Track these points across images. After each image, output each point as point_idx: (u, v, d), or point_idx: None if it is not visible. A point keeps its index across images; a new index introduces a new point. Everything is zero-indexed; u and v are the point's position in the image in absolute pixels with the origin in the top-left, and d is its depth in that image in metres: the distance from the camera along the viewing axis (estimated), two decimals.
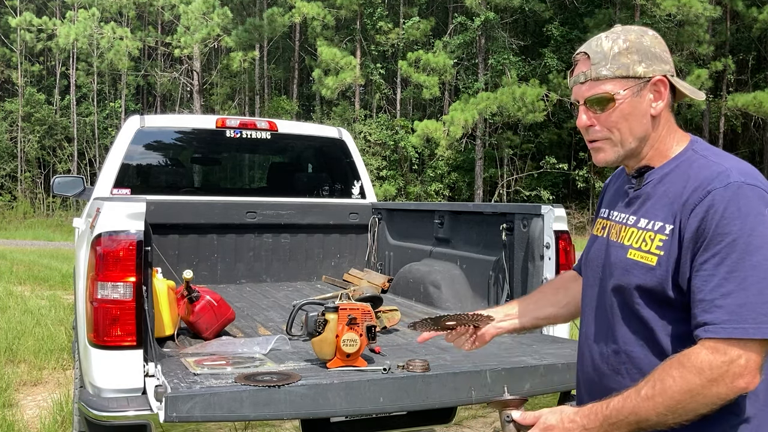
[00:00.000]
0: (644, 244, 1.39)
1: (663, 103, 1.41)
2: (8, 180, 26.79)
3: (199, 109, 24.56)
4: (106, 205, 2.44)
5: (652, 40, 1.43)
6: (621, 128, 1.42)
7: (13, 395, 4.72)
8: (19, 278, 10.48)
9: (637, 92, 1.40)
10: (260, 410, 2.08)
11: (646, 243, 1.38)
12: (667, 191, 1.39)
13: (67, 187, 4.96)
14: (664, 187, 1.40)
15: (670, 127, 1.45)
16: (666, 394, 1.26)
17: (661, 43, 1.44)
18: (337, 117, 24.58)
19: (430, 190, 23.43)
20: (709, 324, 1.24)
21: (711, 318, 1.24)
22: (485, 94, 21.23)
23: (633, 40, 1.41)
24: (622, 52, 1.41)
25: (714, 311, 1.24)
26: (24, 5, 28.02)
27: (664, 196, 1.39)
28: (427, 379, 2.31)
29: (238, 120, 4.77)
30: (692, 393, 1.24)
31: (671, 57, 1.45)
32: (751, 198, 1.27)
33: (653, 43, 1.42)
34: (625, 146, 1.44)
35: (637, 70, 1.40)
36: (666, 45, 1.45)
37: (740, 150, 26.06)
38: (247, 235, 4.67)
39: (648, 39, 1.42)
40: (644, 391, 1.28)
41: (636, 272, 1.39)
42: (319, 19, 23.01)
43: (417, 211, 4.55)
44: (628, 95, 1.40)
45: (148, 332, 2.38)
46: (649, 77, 1.40)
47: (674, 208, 1.35)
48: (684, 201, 1.33)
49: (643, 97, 1.41)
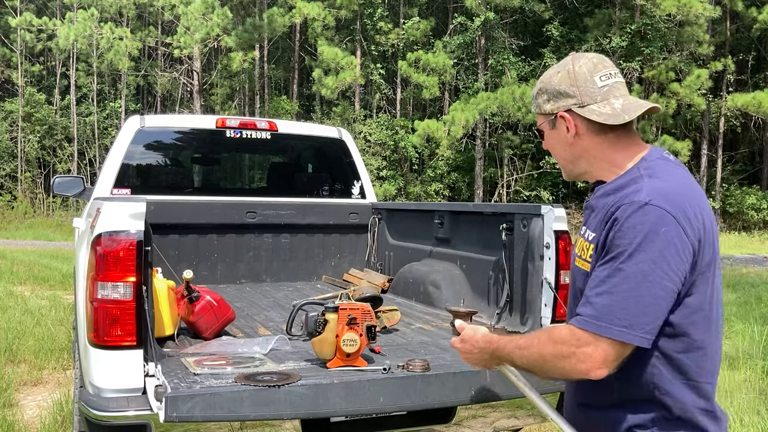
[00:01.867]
0: (584, 252, 1.57)
1: (574, 132, 1.58)
2: (8, 180, 26.80)
3: (199, 109, 24.56)
4: (106, 205, 2.44)
5: (563, 76, 1.58)
6: (555, 154, 1.67)
7: (13, 395, 4.72)
8: (19, 278, 10.48)
9: (552, 125, 1.62)
10: (260, 410, 2.08)
11: (584, 251, 1.56)
12: (605, 204, 1.52)
13: (67, 187, 4.96)
14: (605, 200, 1.53)
15: (616, 146, 1.57)
16: (530, 351, 1.53)
17: (574, 75, 1.57)
18: (337, 117, 24.58)
19: (430, 190, 23.43)
20: (580, 315, 1.45)
21: (582, 311, 1.45)
22: (485, 94, 21.23)
23: (545, 81, 1.62)
24: (536, 94, 1.65)
25: (586, 306, 1.44)
26: (24, 5, 28.03)
27: (603, 209, 1.52)
28: (427, 379, 2.31)
29: (238, 120, 4.77)
30: (544, 358, 1.49)
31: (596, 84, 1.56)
32: (649, 216, 1.40)
33: (561, 81, 1.58)
34: (566, 168, 1.68)
35: (546, 108, 1.62)
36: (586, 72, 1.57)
37: (740, 150, 26.08)
38: (247, 235, 4.67)
39: (558, 78, 1.59)
40: (521, 341, 1.57)
41: (578, 277, 1.59)
42: (319, 19, 23.01)
43: (417, 211, 4.55)
44: (547, 128, 1.64)
45: (148, 332, 2.37)
46: (555, 113, 1.59)
47: (602, 221, 1.50)
48: (605, 214, 1.49)
49: (559, 128, 1.61)
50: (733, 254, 16.95)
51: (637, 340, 1.39)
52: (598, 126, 1.55)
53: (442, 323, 3.36)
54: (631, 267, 1.39)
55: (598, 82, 1.56)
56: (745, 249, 18.94)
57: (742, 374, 5.25)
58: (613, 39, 21.40)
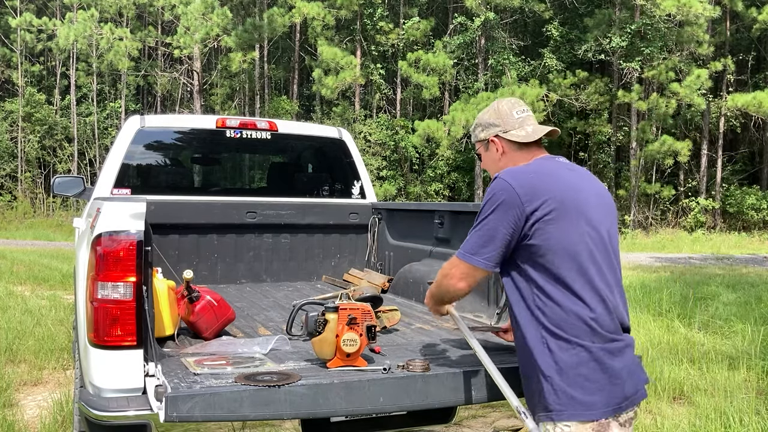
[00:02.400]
0: None
1: (501, 151, 2.29)
2: (8, 180, 26.79)
3: (199, 109, 24.56)
4: (106, 205, 2.44)
5: (491, 113, 2.31)
6: (487, 168, 2.38)
7: (14, 395, 4.72)
8: (19, 278, 10.48)
9: (486, 148, 2.34)
10: (260, 410, 2.08)
11: None
12: None
13: (68, 187, 4.96)
14: None
15: (526, 156, 2.26)
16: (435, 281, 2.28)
17: (498, 111, 2.29)
18: (337, 117, 24.57)
19: (430, 190, 23.44)
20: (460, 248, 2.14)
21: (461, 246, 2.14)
22: (485, 94, 21.24)
23: (479, 118, 2.36)
24: (473, 128, 2.39)
25: (463, 243, 2.14)
26: (24, 5, 28.02)
27: None
28: (427, 379, 2.31)
29: (238, 120, 4.77)
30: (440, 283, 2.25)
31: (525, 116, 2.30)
32: (495, 184, 2.10)
33: (489, 116, 2.32)
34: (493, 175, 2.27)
35: (481, 136, 2.35)
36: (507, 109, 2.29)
37: (740, 150, 26.08)
38: (248, 235, 4.67)
39: (488, 114, 2.33)
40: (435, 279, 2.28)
41: None
42: (319, 19, 23.00)
43: (417, 211, 4.55)
44: (483, 151, 2.36)
45: (148, 332, 2.37)
46: (487, 139, 2.31)
47: None
48: None
49: (491, 149, 2.32)
50: (733, 254, 16.95)
51: (477, 263, 2.08)
52: (516, 144, 2.26)
53: (442, 323, 3.36)
54: (480, 217, 2.09)
55: (516, 115, 2.28)
56: (745, 249, 18.94)
57: (742, 374, 5.26)
58: (613, 39, 21.40)
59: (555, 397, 1.97)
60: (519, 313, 2.08)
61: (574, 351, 1.97)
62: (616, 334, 2.02)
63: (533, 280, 2.03)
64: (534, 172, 2.10)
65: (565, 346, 1.97)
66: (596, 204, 2.11)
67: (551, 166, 2.17)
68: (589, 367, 1.96)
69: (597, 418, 1.95)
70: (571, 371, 1.96)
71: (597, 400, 1.95)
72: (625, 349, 2.03)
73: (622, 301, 2.11)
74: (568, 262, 1.99)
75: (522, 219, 2.01)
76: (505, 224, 2.01)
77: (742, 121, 23.93)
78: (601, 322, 1.99)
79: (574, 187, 2.09)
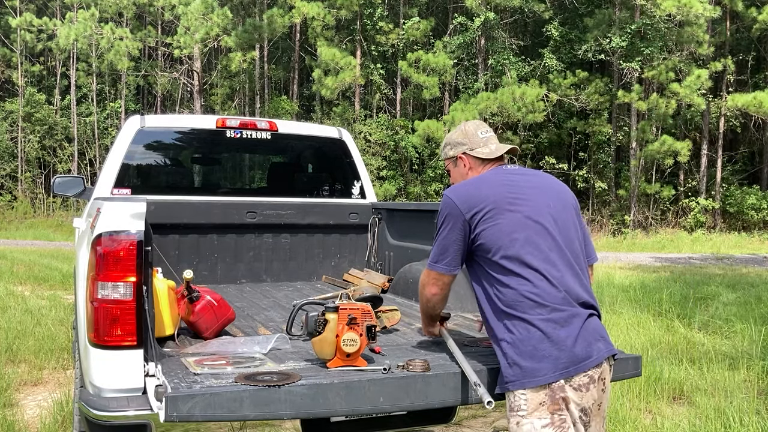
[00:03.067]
0: None
1: (468, 167, 2.58)
2: (8, 180, 26.78)
3: (199, 109, 24.55)
4: (106, 205, 2.44)
5: (458, 134, 2.62)
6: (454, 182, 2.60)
7: (14, 395, 4.72)
8: (20, 278, 10.48)
9: (455, 164, 2.63)
10: (260, 410, 2.08)
11: None
12: None
13: (68, 187, 4.96)
14: None
15: (477, 172, 2.56)
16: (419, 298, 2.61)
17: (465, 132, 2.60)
18: (337, 117, 24.57)
19: (430, 190, 23.43)
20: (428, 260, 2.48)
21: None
22: (485, 94, 21.23)
23: (448, 138, 2.66)
24: (443, 146, 2.69)
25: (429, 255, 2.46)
26: (24, 5, 28.01)
27: None
28: (427, 379, 2.31)
29: (238, 120, 4.77)
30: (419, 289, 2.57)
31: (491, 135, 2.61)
32: (441, 201, 2.43)
33: (457, 136, 2.61)
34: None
35: (450, 154, 2.64)
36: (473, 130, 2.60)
37: (740, 150, 26.08)
38: (248, 235, 4.67)
39: (456, 134, 2.63)
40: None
41: None
42: (319, 19, 22.99)
43: (417, 211, 4.55)
44: (452, 167, 2.65)
45: (148, 332, 2.38)
46: (455, 156, 2.61)
47: None
48: None
49: (459, 165, 2.61)
50: (733, 254, 16.95)
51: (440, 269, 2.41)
52: (480, 160, 2.56)
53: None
54: (436, 230, 2.42)
55: (480, 135, 2.58)
56: (745, 249, 18.94)
57: (742, 374, 5.26)
58: (613, 39, 21.40)
59: (510, 369, 2.22)
60: (484, 305, 2.34)
61: (523, 325, 2.20)
62: (562, 305, 2.22)
63: (489, 273, 2.31)
64: (471, 184, 2.43)
65: (517, 323, 2.22)
66: (540, 198, 2.38)
67: (492, 175, 2.47)
68: (536, 337, 2.18)
69: (544, 383, 2.16)
70: (521, 344, 2.20)
71: (543, 366, 2.16)
72: (572, 318, 2.21)
73: (575, 279, 2.30)
74: (510, 250, 2.26)
75: (466, 225, 2.33)
76: (455, 233, 2.35)
77: (742, 121, 23.93)
78: (544, 295, 2.21)
79: (512, 188, 2.38)
